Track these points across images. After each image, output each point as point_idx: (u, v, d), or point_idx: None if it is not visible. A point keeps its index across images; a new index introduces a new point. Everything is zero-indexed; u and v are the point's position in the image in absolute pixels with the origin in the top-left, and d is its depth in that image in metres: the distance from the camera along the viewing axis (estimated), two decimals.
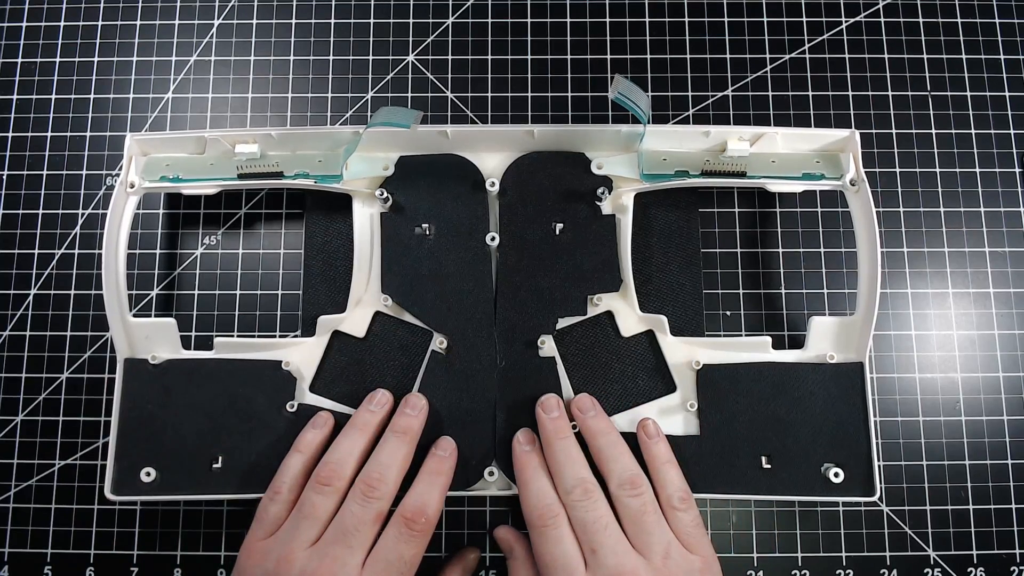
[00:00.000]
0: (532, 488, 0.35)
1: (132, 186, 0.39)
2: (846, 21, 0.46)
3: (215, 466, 0.38)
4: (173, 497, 0.38)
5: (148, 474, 0.37)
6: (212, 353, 0.39)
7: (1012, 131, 0.45)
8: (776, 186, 0.39)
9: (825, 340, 0.39)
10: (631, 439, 0.37)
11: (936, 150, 0.45)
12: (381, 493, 0.34)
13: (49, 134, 0.45)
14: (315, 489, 0.34)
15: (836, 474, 0.37)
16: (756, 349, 0.39)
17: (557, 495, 0.35)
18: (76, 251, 0.44)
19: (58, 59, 0.46)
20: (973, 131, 0.45)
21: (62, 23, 0.47)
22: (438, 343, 0.40)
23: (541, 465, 0.36)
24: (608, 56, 0.46)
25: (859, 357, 0.39)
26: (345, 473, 0.35)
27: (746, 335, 0.43)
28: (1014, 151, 0.45)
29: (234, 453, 0.38)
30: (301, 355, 0.40)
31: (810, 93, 0.45)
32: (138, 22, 0.47)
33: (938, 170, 0.45)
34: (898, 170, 0.45)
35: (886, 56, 0.46)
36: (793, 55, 0.46)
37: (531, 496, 0.35)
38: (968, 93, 0.45)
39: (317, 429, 0.37)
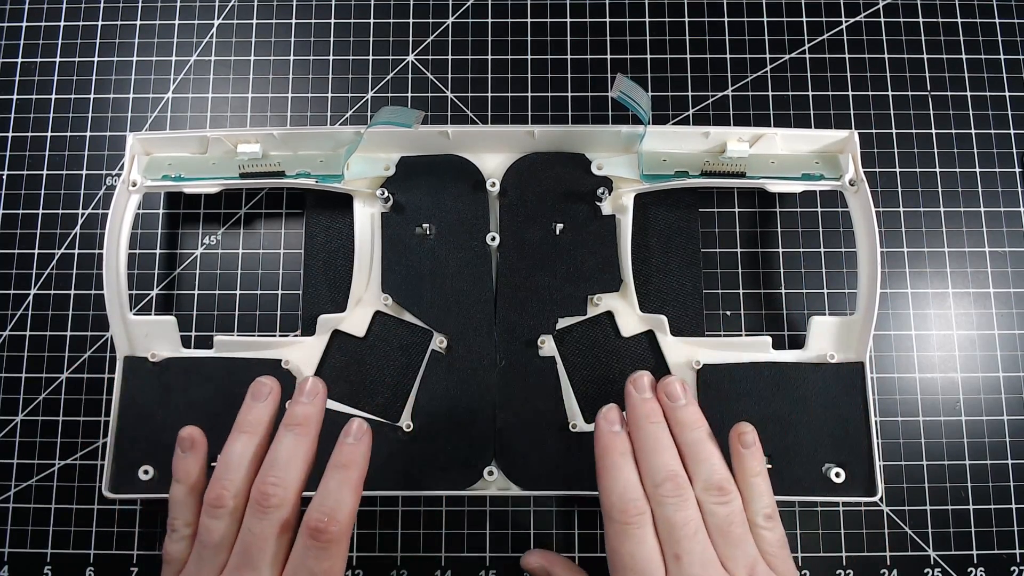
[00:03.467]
0: (619, 478, 0.31)
1: (134, 184, 0.39)
2: (846, 21, 0.46)
3: (213, 465, 0.38)
4: None
5: (146, 472, 0.37)
6: (212, 352, 0.39)
7: (1012, 131, 0.45)
8: (776, 186, 0.39)
9: (825, 340, 0.39)
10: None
11: (936, 150, 0.45)
12: (279, 500, 0.30)
13: (49, 134, 0.45)
14: (208, 514, 0.31)
15: (837, 474, 0.37)
16: (756, 349, 0.39)
17: (643, 488, 0.32)
18: (76, 251, 0.44)
19: (58, 59, 0.46)
20: (973, 131, 0.45)
21: (62, 23, 0.47)
22: (438, 343, 0.40)
23: (630, 451, 0.32)
24: (608, 56, 0.46)
25: (859, 357, 0.39)
26: (236, 488, 0.31)
27: (746, 335, 0.43)
28: (1014, 151, 0.45)
29: None
30: (301, 354, 0.40)
31: (810, 93, 0.45)
32: (138, 22, 0.47)
33: (938, 170, 0.45)
34: (898, 170, 0.45)
35: (886, 56, 0.46)
36: (793, 55, 0.46)
37: (617, 486, 0.31)
38: (968, 93, 0.45)
39: (189, 453, 0.33)
